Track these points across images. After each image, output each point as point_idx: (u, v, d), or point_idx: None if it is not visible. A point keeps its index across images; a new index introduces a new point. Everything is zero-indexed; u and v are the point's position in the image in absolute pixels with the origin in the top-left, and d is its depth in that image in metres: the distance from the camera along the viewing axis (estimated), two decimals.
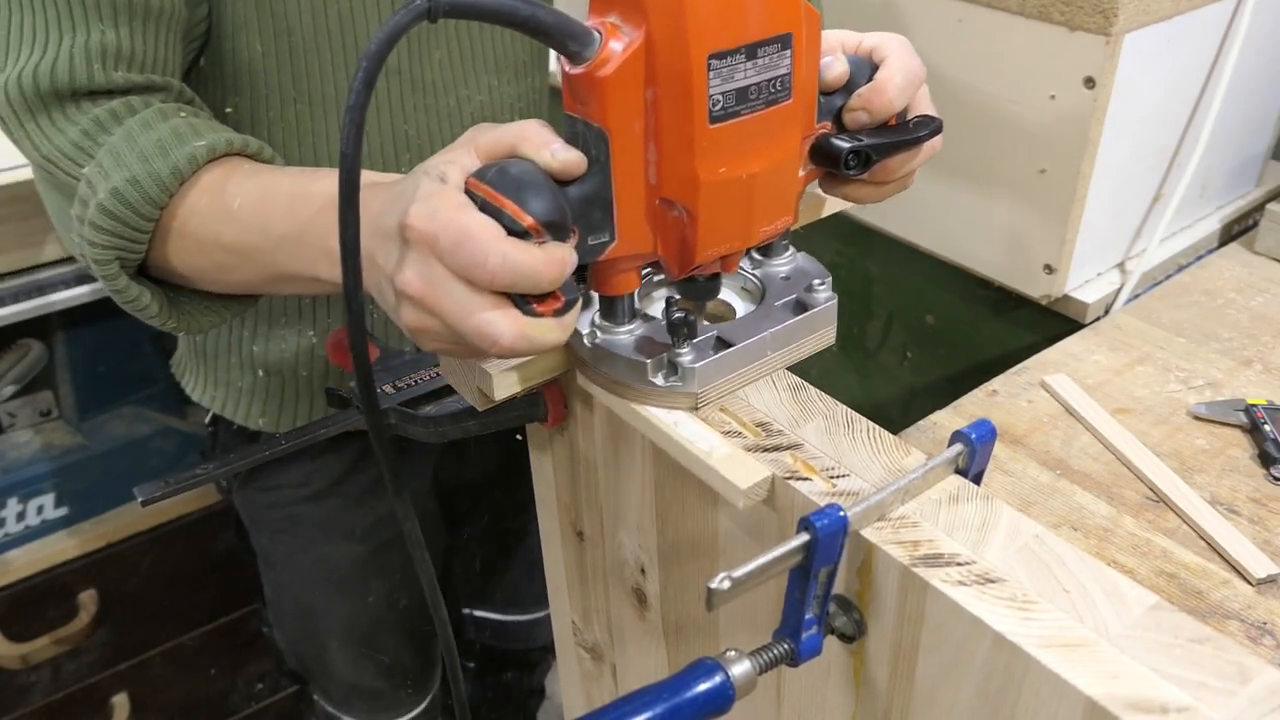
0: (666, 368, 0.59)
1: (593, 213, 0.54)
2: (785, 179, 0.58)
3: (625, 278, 0.59)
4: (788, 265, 0.66)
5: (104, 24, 0.69)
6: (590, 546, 0.75)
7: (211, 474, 0.71)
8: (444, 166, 0.53)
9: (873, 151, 0.61)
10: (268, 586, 1.18)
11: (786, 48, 0.54)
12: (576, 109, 0.53)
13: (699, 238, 0.56)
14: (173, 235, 0.69)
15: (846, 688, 0.56)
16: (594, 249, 0.55)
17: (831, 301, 0.63)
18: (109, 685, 1.60)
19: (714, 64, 0.51)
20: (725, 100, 0.52)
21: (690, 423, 0.58)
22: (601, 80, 0.51)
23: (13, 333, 1.47)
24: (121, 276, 0.69)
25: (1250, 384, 1.00)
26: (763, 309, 0.63)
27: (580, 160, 0.53)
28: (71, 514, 1.54)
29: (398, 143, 0.88)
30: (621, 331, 0.60)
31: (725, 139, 0.53)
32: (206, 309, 0.75)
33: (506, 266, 0.50)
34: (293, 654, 1.23)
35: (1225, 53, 1.10)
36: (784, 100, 0.55)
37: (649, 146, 0.53)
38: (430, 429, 0.68)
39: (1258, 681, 0.42)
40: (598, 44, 0.51)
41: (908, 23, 1.13)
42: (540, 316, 0.53)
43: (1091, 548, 0.82)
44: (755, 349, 0.60)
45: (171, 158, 0.67)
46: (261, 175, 0.69)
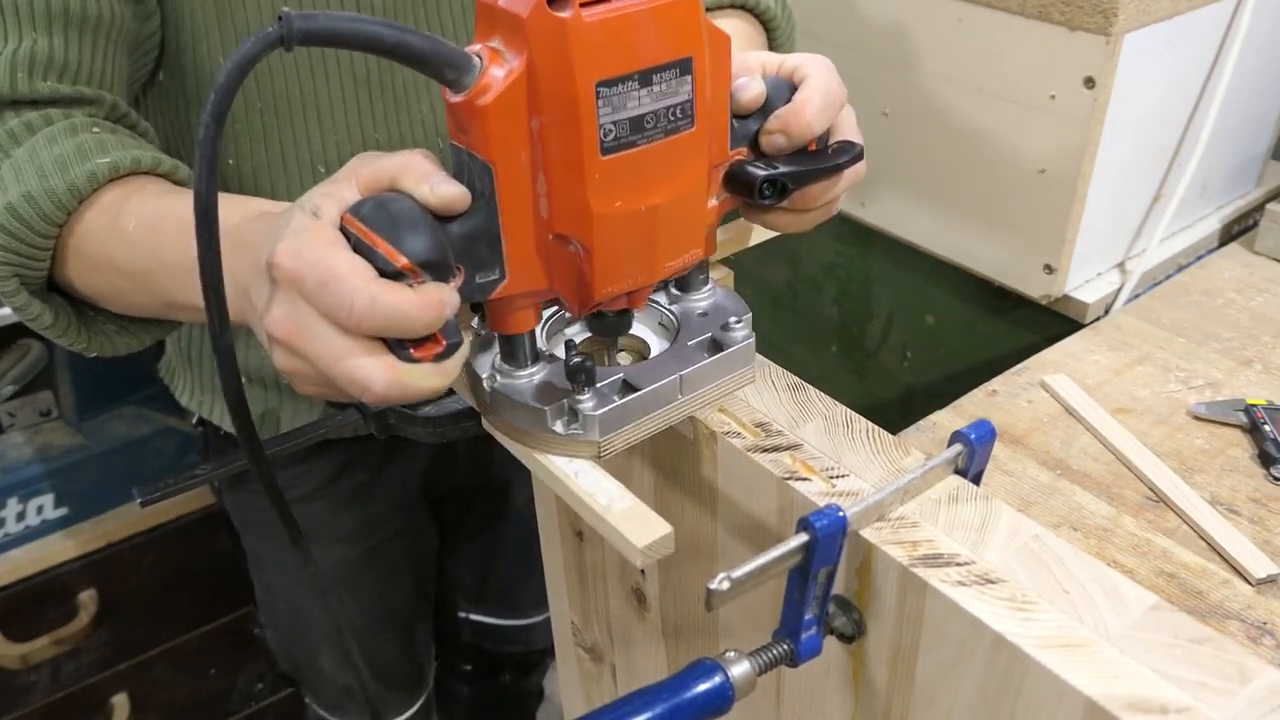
0: (567, 414, 0.55)
1: (479, 249, 0.51)
2: (692, 210, 0.55)
3: (522, 315, 0.55)
4: (706, 300, 0.62)
5: (36, 32, 0.67)
6: (590, 547, 0.75)
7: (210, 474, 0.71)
8: (320, 200, 0.50)
9: (789, 179, 0.57)
10: (259, 588, 1.18)
11: (686, 73, 0.50)
12: (460, 139, 0.50)
13: (596, 274, 0.52)
14: (70, 254, 0.67)
15: (846, 688, 0.56)
16: (483, 287, 0.52)
17: (749, 341, 0.59)
18: (109, 685, 1.60)
19: (603, 92, 0.48)
20: (618, 130, 0.49)
21: (591, 473, 0.55)
22: (482, 109, 0.48)
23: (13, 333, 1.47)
24: (21, 293, 0.67)
25: (1250, 384, 1.00)
26: (675, 348, 0.59)
27: (463, 195, 0.50)
28: (71, 514, 1.54)
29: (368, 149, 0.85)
30: (522, 376, 0.57)
31: (620, 170, 0.50)
32: (122, 330, 0.73)
33: (375, 310, 0.47)
34: (285, 656, 1.23)
35: (1225, 53, 1.10)
36: (686, 128, 0.51)
37: (538, 179, 0.50)
38: (429, 429, 0.68)
39: (1258, 681, 0.42)
40: (478, 71, 0.48)
41: (908, 24, 1.13)
42: (418, 362, 0.49)
43: (1091, 548, 0.82)
44: (664, 393, 0.57)
45: (70, 174, 0.65)
46: (163, 199, 0.66)
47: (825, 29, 1.23)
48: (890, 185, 1.23)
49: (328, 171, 0.84)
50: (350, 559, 1.10)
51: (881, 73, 1.18)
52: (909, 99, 1.16)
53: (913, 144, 1.17)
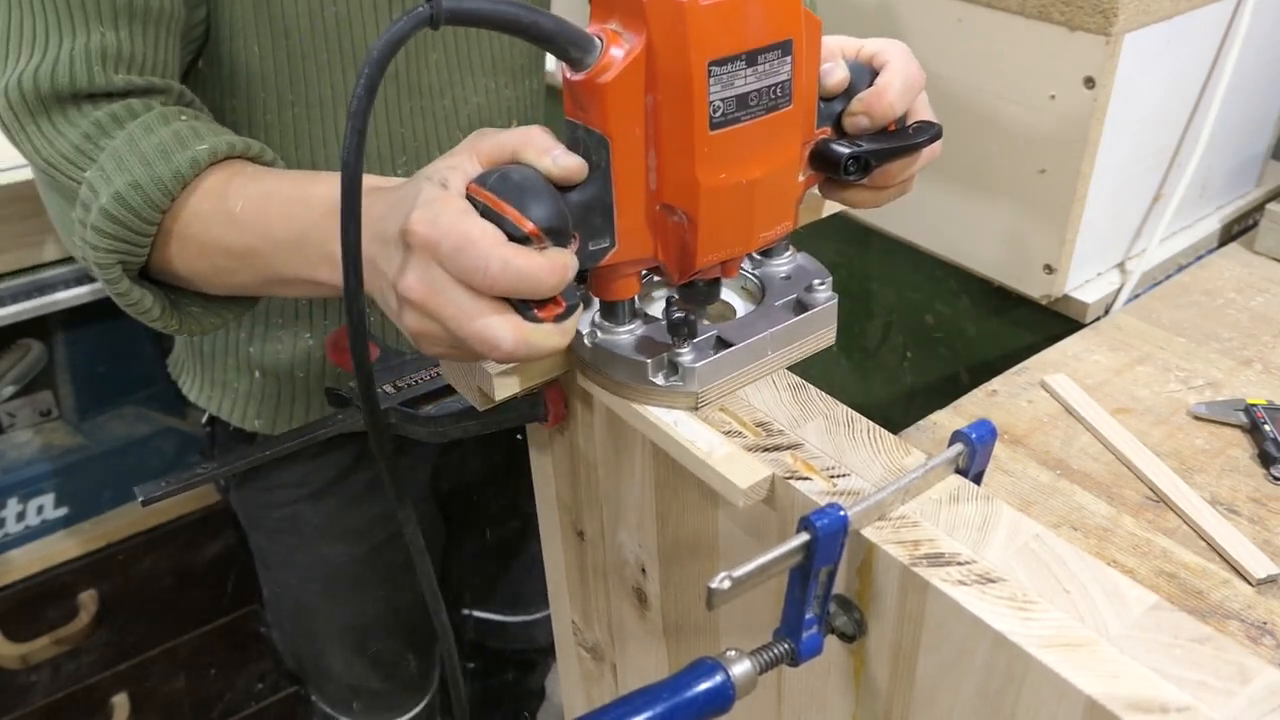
0: (667, 367, 0.58)
1: (593, 218, 0.54)
2: (785, 184, 0.58)
3: (625, 283, 0.59)
4: (788, 265, 0.66)
5: (104, 26, 0.69)
6: (590, 546, 0.75)
7: (211, 474, 0.71)
8: (446, 172, 0.53)
9: (872, 157, 0.61)
10: (265, 587, 1.18)
11: (787, 54, 0.54)
12: (577, 115, 0.53)
13: (699, 243, 0.56)
14: (174, 238, 0.69)
15: (847, 687, 0.56)
16: (595, 254, 0.56)
17: (832, 301, 0.63)
18: (109, 685, 1.60)
19: (714, 71, 0.51)
20: (725, 107, 0.52)
21: (690, 422, 0.58)
22: (602, 87, 0.51)
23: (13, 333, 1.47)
24: (124, 280, 0.69)
25: (1250, 384, 1.00)
26: (763, 308, 0.63)
27: (581, 166, 0.53)
28: (71, 514, 1.54)
29: (394, 145, 0.88)
30: (622, 331, 0.60)
31: (725, 145, 0.53)
32: (207, 310, 0.75)
33: (508, 272, 0.50)
34: (291, 654, 1.23)
35: (1225, 53, 1.10)
36: (784, 106, 0.55)
37: (649, 152, 0.54)
38: (430, 429, 0.68)
39: (1258, 681, 0.42)
40: (599, 50, 0.51)
41: (907, 23, 1.13)
42: (541, 322, 0.53)
43: (1091, 548, 0.82)
44: (755, 348, 0.60)
45: (173, 161, 0.67)
46: (263, 179, 0.69)
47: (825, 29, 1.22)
48: None
49: None
50: (360, 555, 1.10)
51: None
52: None
53: None
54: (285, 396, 0.96)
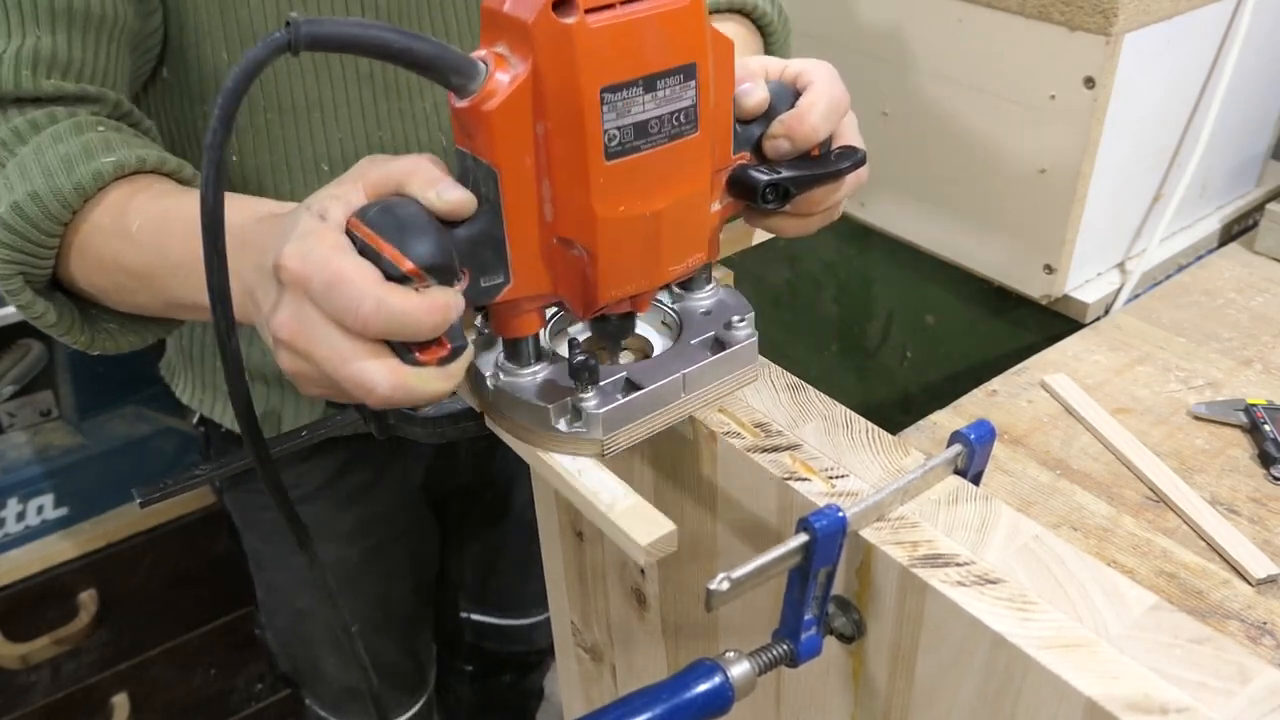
0: (571, 412, 0.55)
1: (483, 253, 0.51)
2: (695, 214, 0.55)
3: (525, 319, 0.56)
4: (709, 299, 0.62)
5: (39, 29, 0.68)
6: (590, 546, 0.75)
7: (209, 475, 0.71)
8: (327, 202, 0.50)
9: (791, 184, 0.58)
10: (259, 589, 1.18)
11: (690, 79, 0.50)
12: (465, 143, 0.50)
13: (601, 278, 0.52)
14: (74, 252, 0.67)
15: (846, 688, 0.56)
16: (487, 291, 0.52)
17: (751, 339, 0.59)
18: (109, 685, 1.60)
19: (607, 97, 0.48)
20: (622, 135, 0.49)
21: (595, 471, 0.55)
22: (487, 115, 0.48)
23: (13, 333, 1.47)
24: (26, 291, 0.67)
25: (1250, 384, 1.00)
26: (678, 347, 0.60)
27: (469, 200, 0.50)
28: (71, 514, 1.54)
29: (371, 147, 0.85)
30: (525, 374, 0.57)
31: (624, 175, 0.50)
32: (126, 328, 0.73)
33: (381, 313, 0.47)
34: (285, 657, 1.23)
35: (1225, 53, 1.10)
36: (689, 133, 0.52)
37: (542, 183, 0.51)
38: (429, 430, 0.68)
39: (1258, 681, 0.42)
40: (483, 76, 0.48)
41: (907, 24, 1.13)
42: (423, 365, 0.50)
43: (1091, 548, 0.82)
44: (667, 392, 0.57)
45: (75, 174, 0.65)
46: (166, 198, 0.66)
47: (825, 29, 1.23)
48: (890, 185, 1.23)
49: (331, 169, 0.84)
50: (351, 558, 1.10)
51: (881, 73, 1.17)
52: (909, 99, 1.16)
53: (913, 144, 1.17)
54: (275, 399, 0.95)
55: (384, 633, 1.19)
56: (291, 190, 0.84)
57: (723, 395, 0.59)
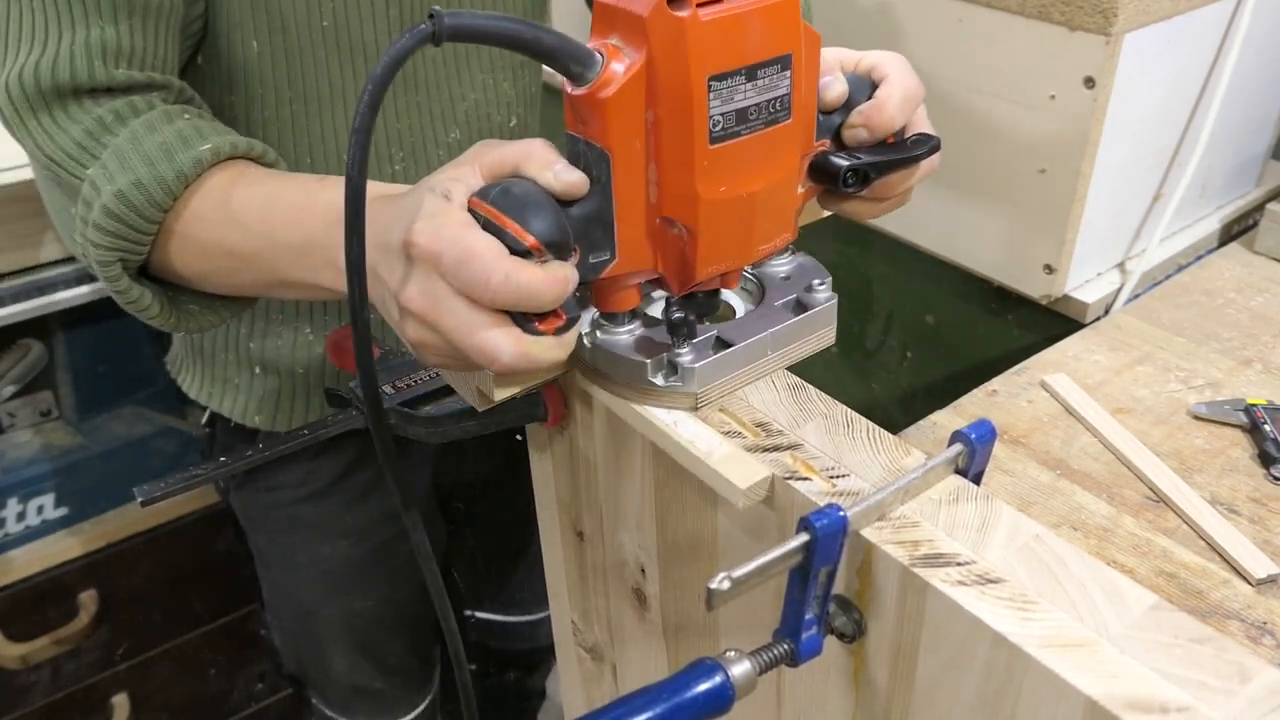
0: (666, 368, 0.59)
1: (594, 231, 0.55)
2: (784, 197, 0.58)
3: (626, 294, 0.59)
4: (788, 265, 0.66)
5: (103, 20, 0.69)
6: (590, 546, 0.75)
7: (211, 474, 0.71)
8: (449, 184, 0.54)
9: (871, 169, 0.61)
10: (265, 588, 1.18)
11: (786, 69, 0.54)
12: (578, 129, 0.54)
13: (699, 255, 0.56)
14: (175, 238, 0.69)
15: (846, 688, 0.56)
16: (595, 267, 0.56)
17: (831, 301, 0.63)
18: (109, 685, 1.60)
19: (714, 85, 0.51)
20: (725, 121, 0.53)
21: (690, 422, 0.58)
22: (603, 101, 0.51)
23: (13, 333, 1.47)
24: (124, 278, 0.69)
25: (1250, 384, 1.00)
26: (762, 309, 0.63)
27: (583, 181, 0.54)
28: (71, 514, 1.54)
29: (390, 139, 0.88)
30: (621, 331, 0.60)
31: (725, 158, 0.53)
32: (206, 309, 0.75)
33: (509, 285, 0.51)
34: (291, 657, 1.23)
35: (1225, 53, 1.10)
36: (783, 120, 0.55)
37: (650, 166, 0.54)
38: (430, 429, 0.68)
39: (1258, 681, 0.42)
40: (599, 66, 0.51)
41: (907, 24, 1.13)
42: (541, 335, 0.53)
43: (1091, 548, 0.82)
44: (755, 349, 0.60)
45: (176, 161, 0.67)
46: (267, 182, 0.69)
47: (824, 29, 1.22)
48: None
49: None
50: (359, 556, 1.10)
51: None
52: None
53: None
54: (285, 392, 0.96)
55: (392, 630, 1.19)
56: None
57: (804, 353, 0.63)
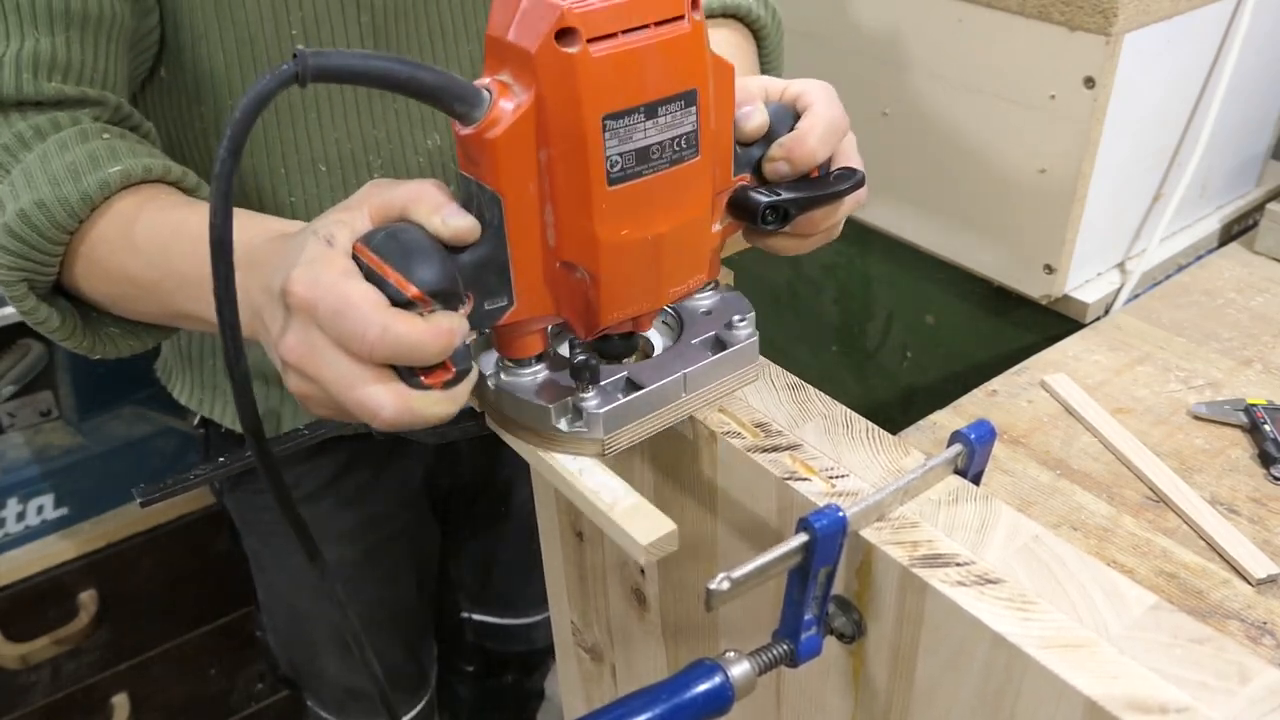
0: (571, 412, 0.55)
1: (487, 277, 0.52)
2: (696, 236, 0.55)
3: (528, 340, 0.56)
4: (710, 299, 0.63)
5: (39, 32, 0.67)
6: (590, 547, 0.75)
7: (209, 475, 0.71)
8: (333, 227, 0.51)
9: (792, 206, 0.58)
10: (260, 590, 1.18)
11: (691, 105, 0.51)
12: (470, 169, 0.51)
13: (603, 300, 0.53)
14: (81, 261, 0.67)
15: (846, 688, 0.56)
16: (491, 314, 0.53)
17: (752, 339, 0.60)
18: (109, 685, 1.60)
19: (610, 124, 0.49)
20: (624, 161, 0.50)
21: (596, 471, 0.55)
22: (491, 142, 0.49)
23: (13, 333, 1.47)
24: (29, 298, 0.67)
25: (1250, 384, 1.00)
26: (679, 346, 0.60)
27: (473, 227, 0.51)
28: (71, 514, 1.54)
29: (367, 146, 0.85)
30: (525, 374, 0.57)
31: (626, 200, 0.51)
32: (128, 333, 0.74)
33: (387, 338, 0.48)
34: (286, 658, 1.23)
35: (1225, 53, 1.10)
36: (690, 158, 0.52)
37: (545, 209, 0.51)
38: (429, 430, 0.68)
39: (1258, 681, 0.42)
40: (487, 104, 0.48)
41: (907, 24, 1.13)
42: (428, 389, 0.50)
43: (1091, 548, 0.82)
44: (668, 391, 0.57)
45: (83, 183, 0.65)
46: (175, 210, 0.66)
47: (824, 30, 1.23)
48: (890, 185, 1.23)
49: (328, 169, 0.84)
50: (353, 558, 1.10)
51: (881, 73, 1.17)
52: (909, 99, 1.16)
53: (913, 144, 1.17)
54: (275, 398, 0.95)
55: (386, 633, 1.19)
56: (289, 192, 0.84)
57: (724, 394, 0.59)
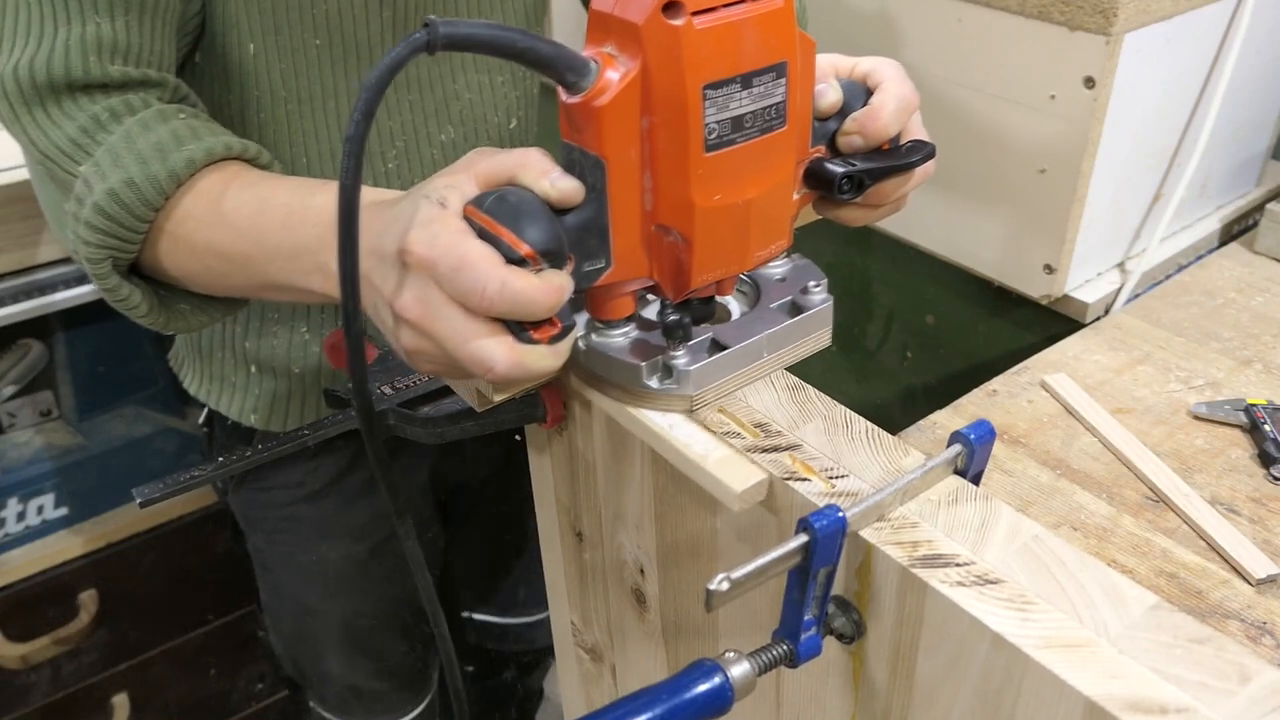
0: (661, 370, 0.58)
1: (589, 240, 0.54)
2: (780, 204, 0.58)
3: (621, 302, 0.59)
4: (783, 267, 0.66)
5: (99, 16, 0.69)
6: (589, 547, 0.75)
7: (210, 475, 0.71)
8: (445, 191, 0.53)
9: (866, 176, 0.61)
10: (264, 589, 1.18)
11: (781, 76, 0.54)
12: (573, 137, 0.53)
13: (695, 263, 0.55)
14: (166, 238, 0.69)
15: (846, 689, 0.56)
16: (590, 275, 0.55)
17: (827, 303, 0.63)
18: (109, 685, 1.60)
19: (709, 94, 0.51)
20: (720, 129, 0.52)
21: (686, 425, 0.58)
22: (598, 110, 0.51)
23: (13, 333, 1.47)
24: (113, 275, 0.69)
25: (1250, 384, 1.00)
26: (758, 311, 0.63)
27: (578, 189, 0.53)
28: (71, 514, 1.54)
29: (382, 139, 0.87)
30: (616, 334, 0.60)
31: (720, 166, 0.53)
32: (198, 309, 0.75)
33: (504, 294, 0.50)
34: (289, 658, 1.23)
35: (1225, 53, 1.10)
36: (779, 127, 0.55)
37: (645, 174, 0.54)
38: (429, 430, 0.68)
39: (1258, 681, 0.42)
40: (594, 74, 0.51)
41: (906, 24, 1.13)
42: (536, 344, 0.53)
43: (1091, 548, 0.82)
44: (751, 351, 0.60)
45: (169, 161, 0.67)
46: (260, 185, 0.68)
47: (824, 29, 1.23)
48: None
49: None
50: (358, 555, 1.11)
51: None
52: None
53: None
54: (281, 392, 0.96)
55: (390, 631, 1.19)
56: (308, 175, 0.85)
57: (800, 355, 0.63)
